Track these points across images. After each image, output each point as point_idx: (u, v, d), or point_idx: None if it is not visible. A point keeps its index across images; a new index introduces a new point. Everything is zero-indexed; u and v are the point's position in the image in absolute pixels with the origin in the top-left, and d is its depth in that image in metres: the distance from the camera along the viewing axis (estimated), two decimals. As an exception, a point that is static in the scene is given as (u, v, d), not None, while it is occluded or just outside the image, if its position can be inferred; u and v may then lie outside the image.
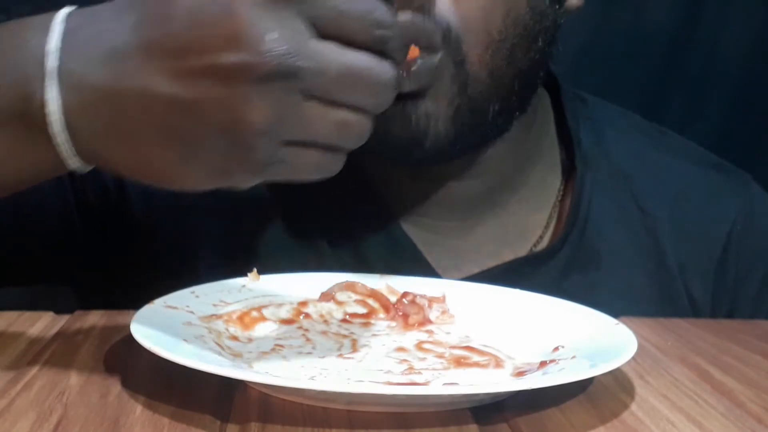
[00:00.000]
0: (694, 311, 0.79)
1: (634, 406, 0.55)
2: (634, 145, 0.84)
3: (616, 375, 0.59)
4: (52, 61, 0.51)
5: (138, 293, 0.61)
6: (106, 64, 0.50)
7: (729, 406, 0.55)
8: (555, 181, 0.81)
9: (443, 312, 0.66)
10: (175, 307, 0.61)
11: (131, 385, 0.55)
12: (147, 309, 0.59)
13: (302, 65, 0.48)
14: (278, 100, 0.48)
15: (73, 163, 0.53)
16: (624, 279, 0.79)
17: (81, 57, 0.51)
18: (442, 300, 0.67)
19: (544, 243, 0.80)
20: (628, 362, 0.55)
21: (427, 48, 0.66)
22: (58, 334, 0.64)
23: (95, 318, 0.67)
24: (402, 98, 0.66)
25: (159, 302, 0.61)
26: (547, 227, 0.80)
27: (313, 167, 0.52)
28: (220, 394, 0.53)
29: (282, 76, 0.48)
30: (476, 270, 0.77)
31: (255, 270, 0.67)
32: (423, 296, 0.67)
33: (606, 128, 0.83)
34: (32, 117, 0.52)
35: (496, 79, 0.70)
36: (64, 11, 0.53)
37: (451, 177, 0.77)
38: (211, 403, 0.52)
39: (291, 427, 0.49)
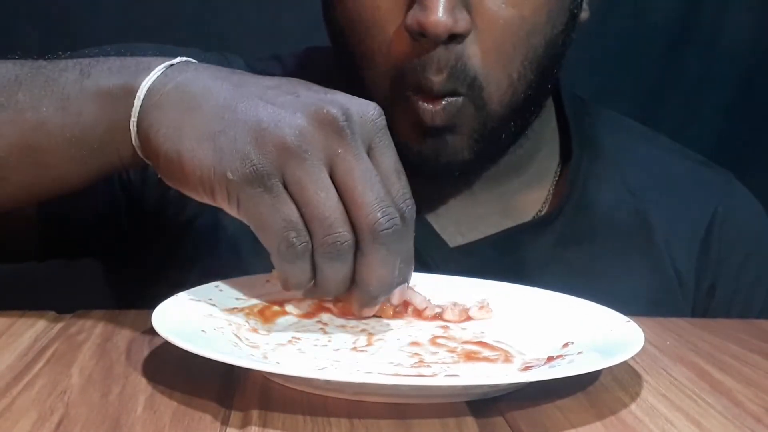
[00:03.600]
0: (679, 282, 0.85)
1: (632, 405, 0.55)
2: (625, 140, 0.90)
3: (615, 374, 0.59)
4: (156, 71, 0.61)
5: (164, 287, 0.63)
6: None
7: (727, 405, 0.56)
8: (553, 164, 0.87)
9: (481, 307, 0.67)
10: (198, 300, 0.62)
11: (132, 384, 0.55)
12: (171, 300, 0.60)
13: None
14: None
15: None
16: (616, 251, 0.84)
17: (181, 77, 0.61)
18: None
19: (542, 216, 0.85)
20: (627, 361, 0.55)
21: (453, 94, 0.73)
22: (60, 334, 0.64)
23: (96, 317, 0.68)
24: (432, 133, 0.74)
25: (182, 295, 0.62)
26: (545, 203, 0.85)
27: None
28: (221, 395, 0.53)
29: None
30: (479, 237, 0.81)
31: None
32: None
33: (599, 124, 0.89)
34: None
35: (513, 110, 0.76)
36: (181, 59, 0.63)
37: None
38: (212, 404, 0.52)
39: (292, 414, 0.50)
